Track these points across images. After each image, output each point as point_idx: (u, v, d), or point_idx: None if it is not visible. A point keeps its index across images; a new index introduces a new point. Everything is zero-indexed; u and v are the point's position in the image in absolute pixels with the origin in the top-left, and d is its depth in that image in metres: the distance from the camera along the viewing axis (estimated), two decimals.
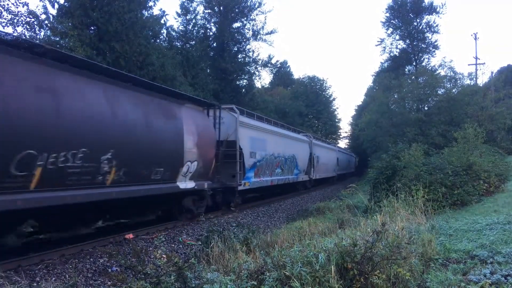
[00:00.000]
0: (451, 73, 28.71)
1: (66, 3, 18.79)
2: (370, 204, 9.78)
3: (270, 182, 18.29)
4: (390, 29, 41.08)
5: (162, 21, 26.12)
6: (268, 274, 4.80)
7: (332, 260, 4.75)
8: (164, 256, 4.73)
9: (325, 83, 61.71)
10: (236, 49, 36.30)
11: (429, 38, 39.99)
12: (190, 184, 10.85)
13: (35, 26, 17.13)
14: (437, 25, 39.59)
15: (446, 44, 57.83)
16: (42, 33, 17.99)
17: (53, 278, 6.34)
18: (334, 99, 63.48)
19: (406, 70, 40.18)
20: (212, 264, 6.80)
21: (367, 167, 29.19)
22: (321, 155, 29.99)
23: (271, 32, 37.83)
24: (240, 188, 14.34)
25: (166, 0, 71.19)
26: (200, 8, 35.01)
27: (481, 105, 25.10)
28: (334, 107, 63.98)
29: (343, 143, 68.25)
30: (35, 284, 5.95)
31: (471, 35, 63.16)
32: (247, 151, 15.04)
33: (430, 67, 34.23)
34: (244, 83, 38.00)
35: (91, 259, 7.50)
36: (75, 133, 6.89)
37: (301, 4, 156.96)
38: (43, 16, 17.87)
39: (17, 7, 16.00)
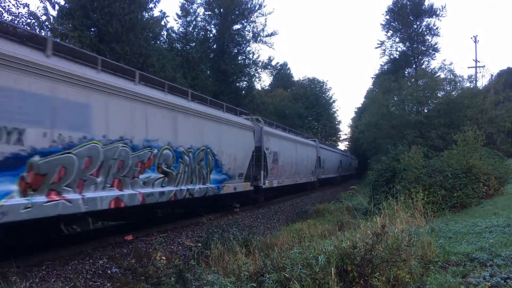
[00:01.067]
0: (451, 75, 28.80)
1: (66, 4, 18.86)
2: (370, 206, 9.77)
3: (111, 204, 8.28)
4: (390, 32, 41.12)
5: (163, 23, 26.32)
6: (268, 276, 4.82)
7: (332, 262, 4.76)
8: (164, 257, 4.74)
9: (325, 85, 61.77)
10: (236, 51, 36.31)
11: (429, 40, 40.06)
12: None
13: (36, 27, 17.19)
14: (437, 28, 39.66)
15: (446, 47, 58.01)
16: (43, 34, 18.03)
17: (53, 279, 6.34)
18: (334, 101, 63.57)
19: (406, 72, 40.18)
20: (212, 265, 6.79)
21: (367, 169, 29.14)
22: (282, 151, 20.32)
23: (271, 34, 37.83)
24: None
25: (166, 1, 71.51)
26: (201, 10, 35.16)
27: (481, 108, 25.11)
28: (334, 109, 64.09)
29: (343, 145, 68.36)
30: (34, 285, 5.95)
31: (471, 38, 63.35)
32: None
33: (430, 70, 34.30)
34: (244, 85, 38.04)
35: (91, 261, 7.51)
36: None
37: (302, 6, 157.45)
38: (44, 17, 17.97)
39: (18, 8, 16.08)
